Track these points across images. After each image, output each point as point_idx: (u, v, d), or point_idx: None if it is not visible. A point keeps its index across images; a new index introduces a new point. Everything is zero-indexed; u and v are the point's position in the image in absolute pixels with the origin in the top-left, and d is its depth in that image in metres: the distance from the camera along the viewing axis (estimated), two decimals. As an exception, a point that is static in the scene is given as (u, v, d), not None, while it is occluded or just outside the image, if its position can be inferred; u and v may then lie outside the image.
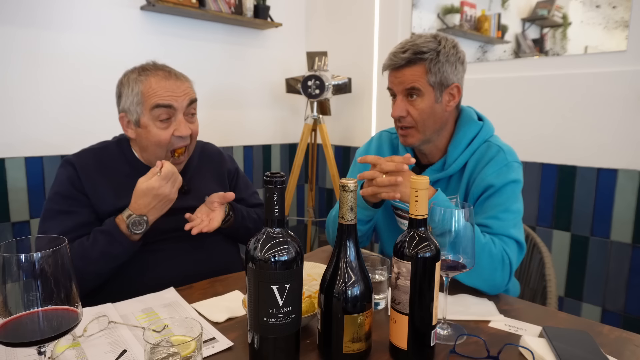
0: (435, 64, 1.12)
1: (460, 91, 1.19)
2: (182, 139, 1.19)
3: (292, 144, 3.19)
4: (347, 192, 0.72)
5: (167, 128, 1.17)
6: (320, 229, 3.24)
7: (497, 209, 1.10)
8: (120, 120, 1.21)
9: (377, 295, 0.97)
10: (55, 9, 2.04)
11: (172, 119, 1.17)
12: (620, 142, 1.88)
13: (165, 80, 1.17)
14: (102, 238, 1.07)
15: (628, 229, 1.88)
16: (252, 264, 0.69)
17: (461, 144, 1.20)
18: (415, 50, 1.12)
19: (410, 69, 1.14)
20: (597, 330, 0.89)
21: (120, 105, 1.20)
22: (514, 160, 1.16)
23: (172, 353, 0.64)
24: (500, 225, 1.08)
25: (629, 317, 1.91)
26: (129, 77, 1.19)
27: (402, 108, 1.16)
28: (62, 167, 1.17)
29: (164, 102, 1.15)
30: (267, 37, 2.93)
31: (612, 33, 1.87)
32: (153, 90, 1.15)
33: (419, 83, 1.13)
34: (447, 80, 1.15)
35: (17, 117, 1.98)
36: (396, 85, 1.17)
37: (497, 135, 1.24)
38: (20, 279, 0.56)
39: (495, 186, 1.11)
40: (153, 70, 1.18)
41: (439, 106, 1.17)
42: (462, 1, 2.33)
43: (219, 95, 2.72)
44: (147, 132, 1.17)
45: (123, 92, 1.19)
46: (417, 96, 1.15)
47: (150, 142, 1.17)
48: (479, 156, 1.18)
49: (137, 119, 1.17)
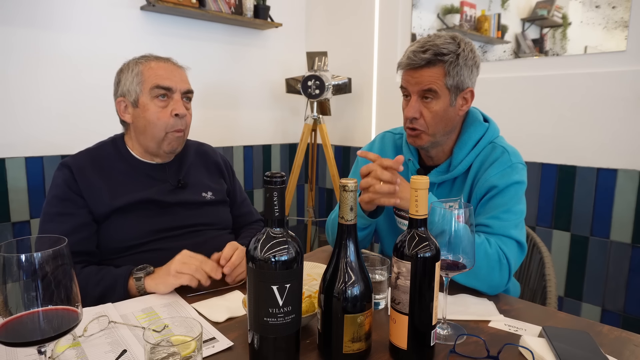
0: (454, 67, 1.10)
1: (473, 96, 1.17)
2: (179, 119, 1.21)
3: (292, 144, 3.19)
4: (347, 192, 0.72)
5: (166, 107, 1.20)
6: (320, 229, 3.24)
7: (499, 209, 1.10)
8: (117, 105, 1.24)
9: (377, 295, 0.97)
10: (55, 9, 2.04)
11: (169, 100, 1.21)
12: (620, 142, 1.88)
13: (165, 62, 1.23)
14: (109, 279, 1.04)
15: (628, 229, 1.89)
16: (252, 263, 0.69)
17: (467, 145, 1.19)
18: (436, 52, 1.09)
19: (429, 70, 1.11)
20: (596, 330, 0.89)
21: (119, 91, 1.23)
22: (518, 162, 1.15)
23: (172, 353, 0.64)
24: (500, 226, 1.08)
25: (629, 317, 1.91)
26: (129, 63, 1.23)
27: (416, 109, 1.14)
28: (59, 170, 1.18)
29: (163, 83, 1.19)
30: (267, 37, 2.93)
31: (612, 33, 1.88)
32: (153, 70, 1.20)
33: (437, 85, 1.11)
34: (463, 84, 1.13)
35: (17, 117, 1.98)
36: (412, 85, 1.14)
37: (502, 137, 1.23)
38: (21, 279, 0.56)
39: (499, 187, 1.11)
40: (152, 57, 1.24)
41: (452, 110, 1.15)
42: (462, 1, 2.34)
43: (219, 95, 2.72)
44: (145, 111, 1.19)
45: (122, 77, 1.22)
46: (432, 98, 1.13)
47: (148, 121, 1.19)
48: (483, 157, 1.18)
49: (135, 98, 1.20)
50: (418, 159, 1.29)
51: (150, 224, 1.19)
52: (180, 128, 1.22)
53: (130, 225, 1.17)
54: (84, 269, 1.07)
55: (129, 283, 1.03)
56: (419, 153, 1.29)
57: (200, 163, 1.37)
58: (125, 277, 1.04)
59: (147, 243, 1.18)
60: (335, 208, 1.38)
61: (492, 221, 1.09)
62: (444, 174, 1.21)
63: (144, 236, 1.18)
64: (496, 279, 1.03)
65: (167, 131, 1.20)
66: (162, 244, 1.20)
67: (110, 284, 1.03)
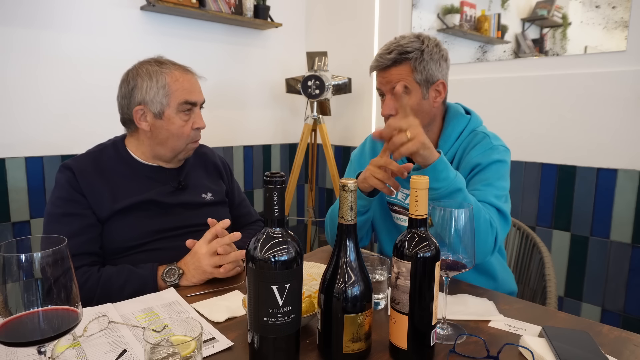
0: (420, 63, 1.16)
1: (445, 87, 1.23)
2: (199, 131, 1.25)
3: (292, 144, 3.19)
4: (347, 192, 0.72)
5: (188, 121, 1.22)
6: (320, 229, 3.24)
7: (480, 183, 1.14)
8: (135, 113, 1.20)
9: (377, 295, 0.97)
10: (55, 9, 2.04)
11: (191, 113, 1.23)
12: (620, 142, 1.88)
13: (187, 74, 1.23)
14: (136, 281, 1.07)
15: (628, 229, 1.89)
16: (252, 263, 0.69)
17: (451, 137, 1.24)
18: (400, 51, 1.16)
19: (396, 68, 1.18)
20: (596, 330, 0.89)
21: (137, 97, 1.19)
22: (499, 144, 1.20)
23: (172, 353, 0.64)
24: (479, 194, 1.11)
25: (629, 317, 1.91)
26: (147, 68, 1.19)
27: (391, 107, 1.19)
28: (60, 172, 1.18)
29: (191, 99, 1.21)
30: (267, 37, 2.93)
31: (612, 33, 1.88)
32: (180, 83, 1.20)
33: (406, 81, 1.17)
34: (432, 77, 1.18)
35: (17, 117, 1.98)
36: (384, 84, 1.21)
37: (484, 126, 1.28)
38: (21, 278, 0.56)
39: (482, 165, 1.16)
40: (171, 64, 1.23)
41: (427, 102, 1.21)
42: (462, 1, 2.34)
43: (219, 95, 2.72)
44: (170, 124, 1.20)
45: (142, 84, 1.18)
46: (404, 94, 1.17)
47: (172, 133, 1.21)
48: (465, 144, 1.23)
49: (160, 110, 1.19)
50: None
51: (151, 224, 1.19)
52: (198, 138, 1.27)
53: (131, 226, 1.17)
54: (100, 272, 1.08)
55: (158, 284, 1.08)
56: None
57: (200, 165, 1.38)
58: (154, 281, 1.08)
59: (148, 243, 1.18)
60: (335, 203, 1.38)
61: (472, 192, 1.11)
62: None
63: (144, 236, 1.18)
64: (489, 243, 1.06)
65: (187, 143, 1.24)
66: (162, 243, 1.20)
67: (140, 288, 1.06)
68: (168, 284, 1.07)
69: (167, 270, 1.08)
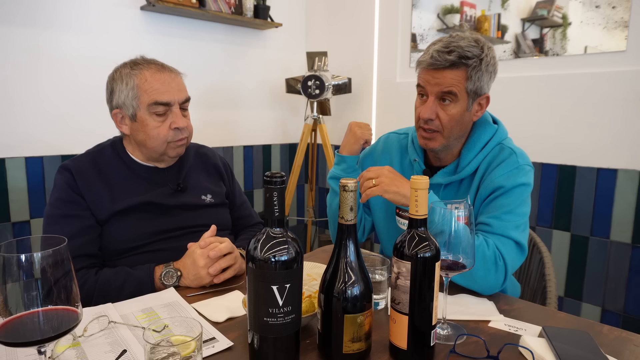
0: (476, 72, 1.09)
1: (488, 102, 1.16)
2: (179, 130, 1.20)
3: (292, 144, 3.19)
4: (347, 192, 0.72)
5: (165, 121, 1.18)
6: (320, 229, 3.24)
7: (502, 209, 1.09)
8: (114, 117, 1.21)
9: (377, 295, 0.97)
10: (55, 9, 2.04)
11: (168, 113, 1.19)
12: (620, 142, 1.88)
13: (160, 73, 1.18)
14: (133, 283, 1.07)
15: (628, 229, 1.89)
16: (252, 263, 0.69)
17: (475, 147, 1.18)
18: (461, 54, 1.07)
19: (451, 72, 1.08)
20: (596, 330, 0.89)
21: (114, 101, 1.20)
22: (525, 164, 1.14)
23: (172, 353, 0.64)
24: (500, 225, 1.07)
25: (629, 317, 1.91)
26: (121, 72, 1.19)
27: (432, 110, 1.12)
28: (59, 173, 1.18)
29: (161, 99, 1.16)
30: (267, 37, 2.93)
31: (612, 33, 1.88)
32: (149, 83, 1.16)
33: (457, 88, 1.09)
34: (481, 89, 1.12)
35: (17, 117, 1.98)
36: (432, 85, 1.11)
37: (510, 138, 1.22)
38: (21, 279, 0.56)
39: (504, 188, 1.10)
40: (145, 64, 1.19)
41: (468, 115, 1.14)
42: (462, 1, 2.34)
43: (219, 95, 2.72)
44: (144, 126, 1.18)
45: (116, 88, 1.18)
46: (450, 101, 1.11)
47: (148, 135, 1.18)
48: (491, 158, 1.17)
49: (133, 113, 1.17)
50: (424, 159, 1.28)
51: (151, 225, 1.19)
52: (182, 137, 1.22)
53: (130, 228, 1.17)
54: (97, 275, 1.08)
55: (155, 285, 1.07)
56: (425, 153, 1.28)
57: (200, 166, 1.37)
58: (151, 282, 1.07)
59: (148, 244, 1.18)
60: (329, 198, 1.38)
61: (492, 220, 1.08)
62: (451, 175, 1.20)
63: (144, 238, 1.18)
64: (492, 280, 1.03)
65: (168, 142, 1.20)
66: (162, 244, 1.20)
67: (137, 290, 1.06)
68: (165, 284, 1.07)
69: (165, 272, 1.07)
